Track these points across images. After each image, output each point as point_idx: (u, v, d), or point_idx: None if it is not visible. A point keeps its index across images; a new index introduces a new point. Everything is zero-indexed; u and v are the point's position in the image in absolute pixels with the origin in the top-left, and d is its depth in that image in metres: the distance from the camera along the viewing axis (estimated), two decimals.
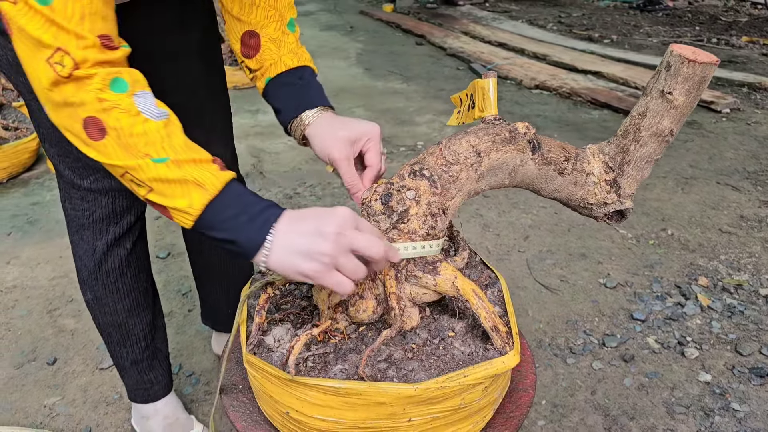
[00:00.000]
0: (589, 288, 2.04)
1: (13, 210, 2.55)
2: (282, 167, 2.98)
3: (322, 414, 0.80)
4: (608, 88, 4.02)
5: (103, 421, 1.55)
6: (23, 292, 2.02)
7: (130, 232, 1.25)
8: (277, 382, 0.81)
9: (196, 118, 1.23)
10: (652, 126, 0.92)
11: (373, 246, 0.75)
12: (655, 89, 0.90)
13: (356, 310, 0.87)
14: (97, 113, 0.76)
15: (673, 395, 1.61)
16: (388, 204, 0.87)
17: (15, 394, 1.62)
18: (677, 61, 0.86)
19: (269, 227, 0.76)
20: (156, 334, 1.39)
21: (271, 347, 0.87)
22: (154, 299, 1.39)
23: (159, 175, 0.76)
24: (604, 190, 0.97)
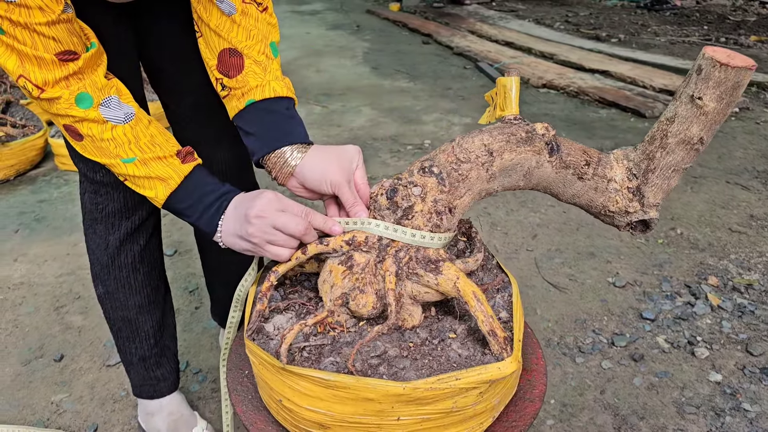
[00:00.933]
0: (598, 287, 2.02)
1: (21, 207, 2.55)
2: None
3: (312, 405, 0.79)
4: (616, 87, 4.00)
5: (110, 418, 1.54)
6: (30, 289, 2.02)
7: (143, 227, 1.26)
8: (271, 369, 0.81)
9: (209, 117, 1.25)
10: (680, 133, 0.87)
11: (290, 223, 0.85)
12: (685, 94, 0.86)
13: (356, 305, 0.86)
14: (71, 123, 0.88)
15: (683, 395, 1.59)
16: (393, 199, 0.87)
17: (22, 390, 1.62)
18: (709, 64, 0.81)
19: (219, 215, 0.91)
20: (165, 331, 1.39)
21: (270, 335, 0.87)
22: (166, 296, 1.39)
23: (129, 172, 0.90)
24: (626, 198, 0.93)
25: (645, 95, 3.81)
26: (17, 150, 2.72)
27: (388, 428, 0.80)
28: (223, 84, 1.01)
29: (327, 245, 0.89)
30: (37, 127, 2.87)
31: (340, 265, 0.89)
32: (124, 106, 0.91)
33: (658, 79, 4.08)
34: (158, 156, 0.91)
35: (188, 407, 1.49)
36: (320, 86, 4.28)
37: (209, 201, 0.91)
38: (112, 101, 0.89)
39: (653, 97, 3.77)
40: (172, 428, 1.44)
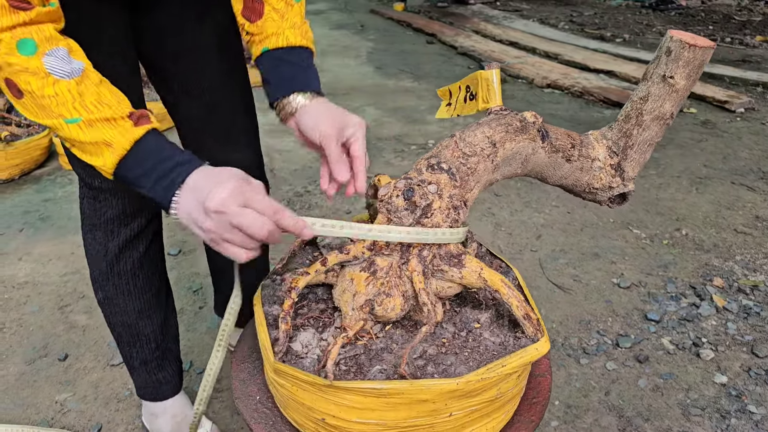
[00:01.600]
0: (603, 288, 2.02)
1: (26, 206, 2.55)
2: (292, 165, 2.98)
3: (362, 417, 0.78)
4: (621, 87, 3.99)
5: (114, 417, 1.54)
6: (35, 288, 2.02)
7: (142, 234, 1.25)
8: (311, 389, 0.79)
9: (222, 117, 1.24)
10: (655, 110, 0.95)
11: (253, 225, 0.74)
12: (656, 74, 0.93)
13: (384, 309, 0.85)
14: (10, 75, 0.76)
15: (688, 397, 1.59)
16: (411, 199, 0.86)
17: (27, 389, 1.62)
18: (678, 46, 0.89)
19: (174, 189, 0.79)
20: (167, 334, 1.38)
21: (300, 353, 0.84)
22: (167, 299, 1.38)
23: (73, 135, 0.78)
24: (609, 174, 0.99)
25: None
26: (22, 149, 2.73)
27: (440, 426, 0.80)
28: (245, 29, 1.03)
29: (348, 254, 0.87)
30: (42, 127, 2.87)
31: (362, 272, 0.87)
32: (73, 61, 0.79)
33: None
34: (106, 117, 0.79)
35: (192, 408, 1.49)
36: (324, 86, 4.20)
37: (163, 170, 0.79)
38: (60, 52, 0.78)
39: None
40: (175, 430, 1.43)
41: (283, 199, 2.61)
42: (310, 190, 2.70)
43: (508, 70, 4.53)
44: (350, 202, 2.58)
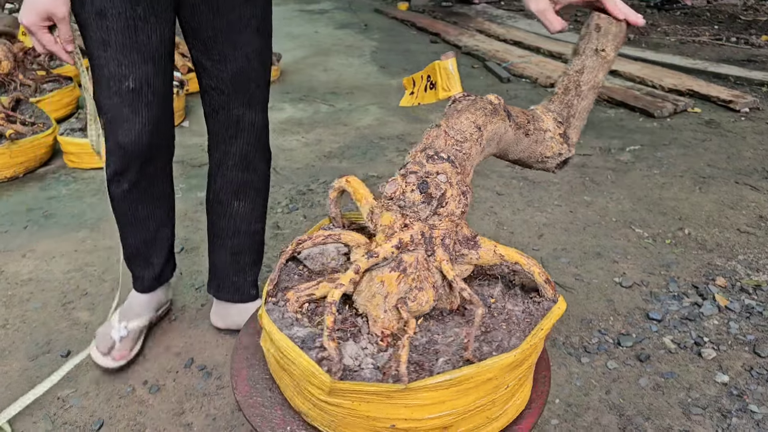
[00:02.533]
0: (605, 287, 2.01)
1: (30, 204, 2.57)
2: (295, 164, 2.98)
3: (434, 411, 0.79)
4: (624, 87, 3.98)
5: (116, 413, 1.55)
6: (38, 285, 2.03)
7: (121, 176, 1.45)
8: (376, 399, 0.78)
9: (246, 84, 1.45)
10: (591, 80, 1.07)
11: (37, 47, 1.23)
12: (589, 48, 1.06)
13: (418, 304, 0.86)
14: None
15: (689, 396, 1.58)
16: (427, 192, 0.87)
17: (29, 385, 1.63)
18: (607, 22, 1.03)
19: None
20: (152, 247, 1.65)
21: (353, 367, 0.81)
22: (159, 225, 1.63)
23: None
24: (559, 142, 1.08)
25: (654, 95, 3.79)
26: (26, 147, 2.74)
27: (499, 400, 0.85)
28: None
29: (377, 256, 0.86)
30: (47, 125, 2.89)
31: (392, 272, 0.87)
32: None
33: (668, 79, 4.06)
34: None
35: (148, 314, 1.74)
36: (327, 85, 4.28)
37: None
38: None
39: (662, 96, 3.75)
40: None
41: (287, 196, 2.61)
42: (312, 188, 2.70)
43: (512, 70, 4.53)
44: (353, 200, 2.58)
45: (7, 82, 3.20)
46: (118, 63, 1.28)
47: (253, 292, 1.75)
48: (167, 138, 1.50)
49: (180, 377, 1.66)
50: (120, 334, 1.67)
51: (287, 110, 3.81)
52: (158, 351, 1.75)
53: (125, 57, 1.28)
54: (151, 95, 1.34)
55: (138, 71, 1.30)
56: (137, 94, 1.32)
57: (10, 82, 3.21)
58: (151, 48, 1.30)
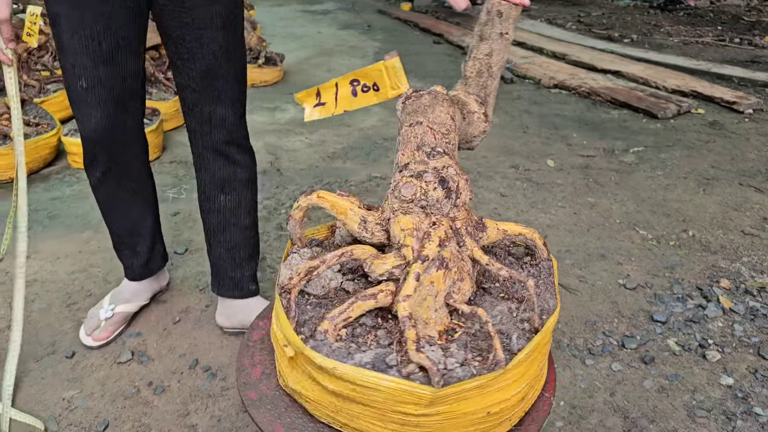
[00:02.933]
0: (609, 289, 2.01)
1: (34, 205, 2.57)
2: (299, 165, 2.99)
3: (519, 386, 0.84)
4: (628, 88, 3.97)
5: (121, 414, 1.55)
6: (43, 286, 2.04)
7: (91, 163, 1.55)
8: (476, 392, 0.78)
9: (213, 81, 1.47)
10: (499, 62, 1.16)
11: None
12: (495, 33, 1.14)
13: (462, 295, 0.90)
14: None
15: (694, 398, 1.58)
16: (447, 187, 0.91)
17: (34, 386, 1.64)
18: (508, 8, 1.12)
19: None
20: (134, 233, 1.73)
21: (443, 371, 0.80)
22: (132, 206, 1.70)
23: None
24: (483, 121, 1.15)
25: (657, 96, 3.79)
26: (30, 148, 2.75)
27: (542, 362, 0.90)
28: None
29: (428, 259, 0.87)
30: (51, 126, 2.89)
31: (438, 271, 0.87)
32: None
33: (671, 80, 4.05)
34: None
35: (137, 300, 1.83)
36: None
37: None
38: None
39: (666, 98, 3.75)
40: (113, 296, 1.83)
41: (291, 198, 2.62)
42: (316, 190, 2.70)
43: (516, 71, 4.53)
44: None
45: None
46: (71, 65, 1.37)
47: (253, 287, 1.78)
48: (133, 131, 1.56)
49: (185, 378, 1.66)
50: (106, 315, 1.77)
51: (290, 111, 3.82)
52: (163, 352, 1.75)
53: (76, 60, 1.36)
54: (104, 94, 1.41)
55: (88, 73, 1.37)
56: (89, 93, 1.40)
57: None
58: (102, 52, 1.36)
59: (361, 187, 2.71)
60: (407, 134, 0.98)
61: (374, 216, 0.95)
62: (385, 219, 0.93)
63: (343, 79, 1.11)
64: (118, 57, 1.39)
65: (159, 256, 1.85)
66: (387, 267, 0.88)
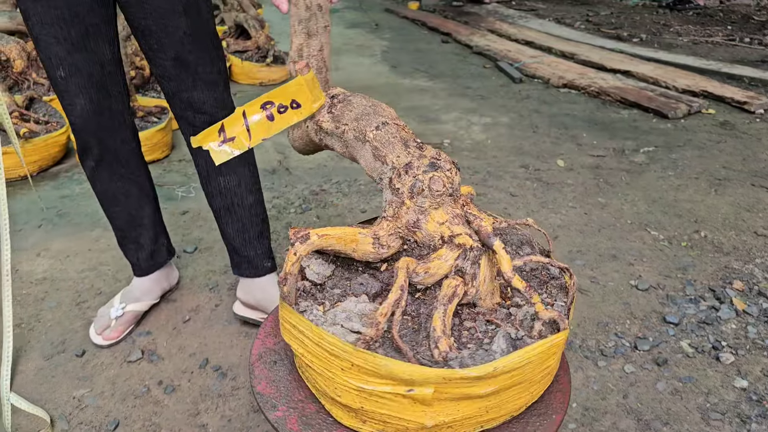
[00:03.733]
0: (620, 290, 2.00)
1: (44, 203, 2.57)
2: (308, 163, 2.98)
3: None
4: (638, 88, 3.95)
5: (131, 413, 1.55)
6: (53, 284, 2.04)
7: (84, 152, 1.59)
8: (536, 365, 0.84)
9: (186, 68, 1.47)
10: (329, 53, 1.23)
11: None
12: (320, 27, 1.18)
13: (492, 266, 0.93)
14: None
15: (708, 401, 1.57)
16: (457, 167, 0.96)
17: (44, 385, 1.63)
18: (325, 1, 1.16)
19: None
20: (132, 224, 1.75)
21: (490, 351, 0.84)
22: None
23: None
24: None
25: (668, 95, 3.77)
26: (40, 146, 2.75)
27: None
28: None
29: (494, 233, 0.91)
30: (60, 124, 2.89)
31: (487, 260, 0.91)
32: None
33: (681, 80, 4.03)
34: None
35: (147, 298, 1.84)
36: (338, 84, 4.26)
37: None
38: None
39: (676, 97, 3.73)
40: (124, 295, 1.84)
41: (299, 197, 2.61)
42: (325, 189, 2.70)
43: (524, 70, 4.51)
44: (366, 201, 2.57)
45: (20, 80, 3.21)
46: (47, 57, 1.40)
47: (268, 264, 1.79)
48: (119, 116, 1.58)
49: (195, 378, 1.66)
50: (116, 314, 1.78)
51: None
52: (173, 351, 1.75)
53: (50, 51, 1.39)
54: (84, 81, 1.44)
55: (64, 62, 1.40)
56: (69, 82, 1.43)
57: (23, 81, 3.22)
58: (72, 40, 1.38)
59: (370, 186, 2.70)
60: (382, 137, 0.95)
61: (385, 228, 0.92)
62: (409, 223, 0.91)
63: (251, 105, 1.07)
64: (90, 44, 1.41)
65: (163, 248, 1.85)
66: (450, 263, 0.87)
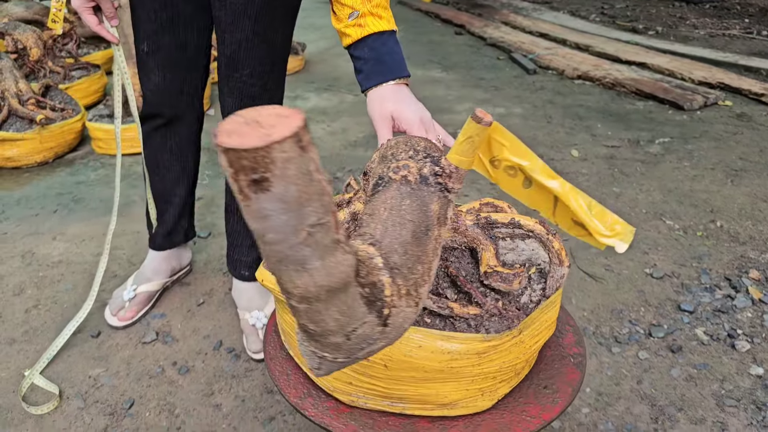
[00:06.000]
0: (635, 278, 1.99)
1: (59, 188, 2.59)
2: (321, 152, 2.98)
3: None
4: (654, 79, 3.92)
5: (146, 393, 1.56)
6: (69, 267, 2.06)
7: (147, 119, 1.65)
8: None
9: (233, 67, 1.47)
10: None
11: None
12: None
13: None
14: None
15: (723, 387, 1.56)
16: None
17: (61, 364, 1.65)
18: None
19: None
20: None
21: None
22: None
23: None
24: None
25: (684, 87, 3.73)
26: (56, 133, 2.77)
27: None
28: None
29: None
30: (76, 111, 2.91)
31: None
32: None
33: (697, 72, 3.99)
34: None
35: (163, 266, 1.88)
36: (352, 75, 4.26)
37: None
38: None
39: (692, 89, 3.69)
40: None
41: None
42: (339, 177, 2.70)
43: (539, 62, 4.48)
44: None
45: (37, 69, 3.24)
46: (137, 30, 1.51)
47: (245, 273, 1.78)
48: (189, 100, 1.63)
49: (209, 359, 1.67)
50: (129, 296, 1.81)
51: (312, 99, 3.81)
52: (187, 333, 1.76)
53: (141, 26, 1.50)
54: (162, 59, 1.52)
55: (150, 39, 1.50)
56: (150, 57, 1.53)
57: (39, 69, 3.25)
58: (162, 21, 1.46)
59: None
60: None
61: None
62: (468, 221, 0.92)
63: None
64: (178, 27, 1.48)
65: (182, 231, 1.87)
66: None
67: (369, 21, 1.06)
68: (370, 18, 1.06)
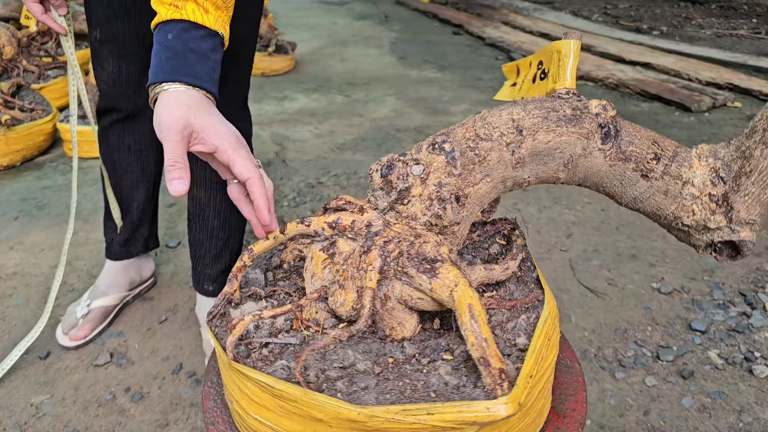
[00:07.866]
0: (641, 293, 1.81)
1: (24, 194, 2.43)
2: (306, 155, 2.81)
3: (260, 414, 0.66)
4: (659, 80, 3.74)
5: (93, 423, 1.39)
6: (23, 280, 1.89)
7: (103, 112, 1.53)
8: (224, 365, 0.70)
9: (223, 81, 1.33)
10: None
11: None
12: None
13: (334, 302, 0.71)
14: None
15: (740, 419, 1.38)
16: (388, 177, 0.69)
17: (1, 389, 1.48)
18: None
19: None
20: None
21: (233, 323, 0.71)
22: None
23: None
24: (707, 208, 0.70)
25: (690, 88, 3.56)
26: (24, 134, 2.61)
27: None
28: None
29: (308, 225, 0.73)
30: (46, 112, 2.75)
31: (321, 252, 0.73)
32: None
33: (705, 72, 3.82)
34: None
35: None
36: (343, 75, 4.10)
37: None
38: None
39: (699, 90, 3.52)
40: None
41: (294, 189, 2.44)
42: (322, 181, 2.53)
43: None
44: (364, 194, 2.40)
45: (10, 68, 3.07)
46: (89, 17, 1.40)
47: (210, 288, 1.61)
48: (147, 94, 1.43)
49: (166, 384, 1.50)
50: (82, 312, 1.65)
51: (300, 100, 3.65)
52: (144, 354, 1.59)
53: (92, 13, 1.39)
54: (116, 48, 1.41)
55: (102, 26, 1.38)
56: (102, 45, 1.42)
57: (13, 68, 3.08)
58: (114, 8, 1.35)
59: None
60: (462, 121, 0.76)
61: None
62: None
63: (535, 57, 0.83)
64: (134, 15, 1.37)
65: (141, 239, 1.71)
66: None
67: (190, 8, 0.81)
68: (193, 5, 0.81)
